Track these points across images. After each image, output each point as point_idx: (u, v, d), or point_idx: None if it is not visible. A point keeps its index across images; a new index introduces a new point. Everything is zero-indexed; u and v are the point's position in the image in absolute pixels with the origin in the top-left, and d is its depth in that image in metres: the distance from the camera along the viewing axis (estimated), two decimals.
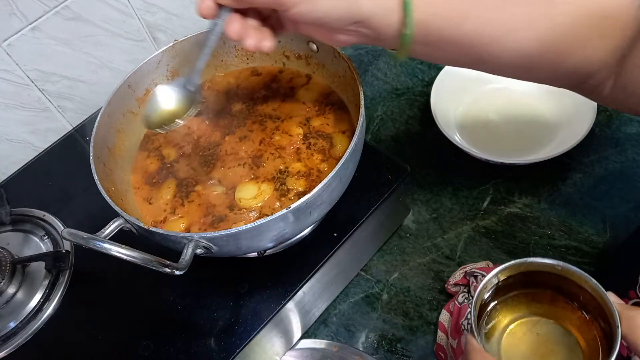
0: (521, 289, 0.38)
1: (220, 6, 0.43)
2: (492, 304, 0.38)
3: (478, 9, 0.41)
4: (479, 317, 0.37)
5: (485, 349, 0.33)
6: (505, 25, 0.41)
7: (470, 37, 0.42)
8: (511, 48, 0.42)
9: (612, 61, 0.42)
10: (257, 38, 0.44)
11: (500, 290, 0.38)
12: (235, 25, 0.43)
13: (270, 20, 0.46)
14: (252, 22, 0.44)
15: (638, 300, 0.48)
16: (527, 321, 0.38)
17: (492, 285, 0.37)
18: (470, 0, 0.41)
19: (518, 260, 0.36)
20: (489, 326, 0.38)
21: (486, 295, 0.37)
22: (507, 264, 0.36)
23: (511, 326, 0.38)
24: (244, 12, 0.44)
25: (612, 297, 0.32)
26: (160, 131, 0.51)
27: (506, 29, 0.41)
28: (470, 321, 0.35)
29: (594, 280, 0.34)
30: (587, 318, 0.36)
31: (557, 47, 0.42)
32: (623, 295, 0.51)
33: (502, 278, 0.37)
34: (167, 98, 0.51)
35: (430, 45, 0.43)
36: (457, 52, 0.44)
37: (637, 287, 0.49)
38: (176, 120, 0.51)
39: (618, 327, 0.31)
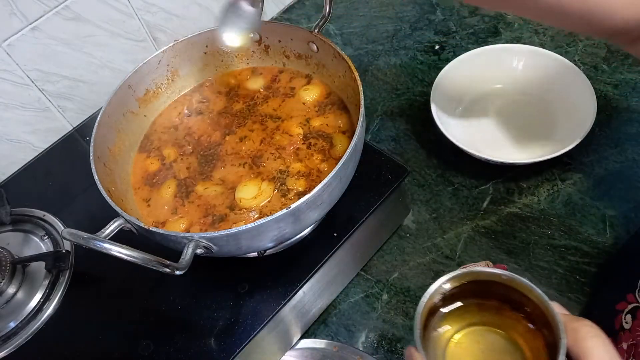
0: (469, 299, 0.38)
1: None
2: (439, 313, 0.38)
3: None
4: (425, 327, 0.36)
5: (431, 359, 0.33)
6: None
7: None
8: (557, 6, 0.42)
9: None
10: None
11: (448, 300, 0.38)
12: None
13: None
14: None
15: (637, 304, 0.48)
16: (474, 331, 0.38)
17: (438, 295, 0.37)
18: None
19: (464, 270, 0.36)
20: (435, 335, 0.38)
21: (432, 304, 0.37)
22: (453, 274, 0.36)
23: (457, 336, 0.37)
24: None
25: (557, 308, 0.32)
26: (232, 47, 0.54)
27: None
28: (414, 332, 0.34)
29: (538, 290, 0.33)
30: (533, 328, 0.35)
31: (602, 8, 0.42)
32: (620, 298, 0.50)
33: (448, 287, 0.37)
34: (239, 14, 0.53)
35: None
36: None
37: (637, 290, 0.49)
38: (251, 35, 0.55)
39: (561, 338, 0.31)
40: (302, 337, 0.61)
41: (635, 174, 0.67)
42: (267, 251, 0.58)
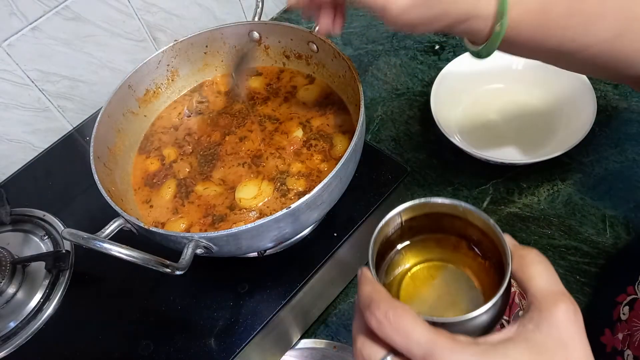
0: (427, 234, 0.38)
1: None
2: (396, 248, 0.38)
3: (568, 21, 0.41)
4: (382, 259, 0.36)
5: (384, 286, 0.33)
6: (591, 39, 0.42)
7: (557, 46, 0.42)
8: (594, 58, 0.43)
9: None
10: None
11: (406, 234, 0.37)
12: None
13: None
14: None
15: (635, 296, 0.48)
16: (430, 265, 0.38)
17: (396, 224, 0.36)
18: (560, 13, 0.41)
19: (421, 200, 0.35)
20: (390, 268, 0.38)
21: (389, 234, 0.36)
22: (409, 203, 0.35)
23: (413, 269, 0.38)
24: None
25: (507, 239, 0.32)
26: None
27: (592, 41, 0.42)
28: (368, 258, 0.34)
29: (492, 221, 0.33)
30: (487, 264, 0.36)
31: (637, 58, 0.42)
32: (621, 291, 0.51)
33: (405, 218, 0.36)
34: None
35: (514, 47, 0.44)
36: (539, 55, 0.45)
37: (637, 283, 0.49)
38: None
39: (509, 264, 0.31)
40: (302, 337, 0.61)
41: (635, 174, 0.67)
42: (267, 251, 0.58)
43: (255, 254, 0.58)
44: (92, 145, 0.54)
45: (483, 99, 0.78)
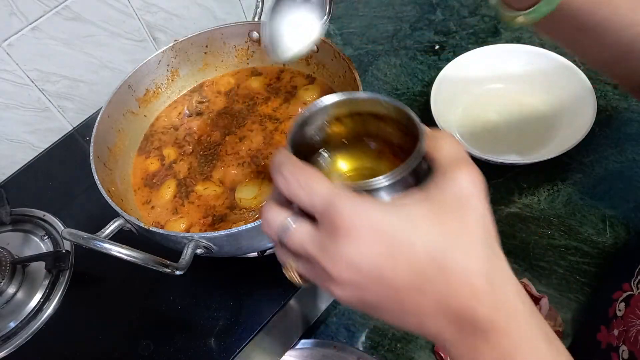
0: (351, 140, 0.36)
1: None
2: (319, 152, 0.36)
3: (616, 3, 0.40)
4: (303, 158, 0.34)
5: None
6: (636, 19, 0.41)
7: (599, 23, 0.41)
8: (629, 42, 0.42)
9: None
10: None
11: (329, 139, 0.36)
12: None
13: None
14: None
15: (631, 292, 0.48)
16: (348, 163, 0.37)
17: (318, 124, 0.35)
18: None
19: (344, 95, 0.34)
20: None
21: (311, 133, 0.35)
22: (333, 98, 0.34)
23: (333, 166, 0.37)
24: None
25: (424, 127, 0.32)
26: (290, 58, 0.45)
27: (636, 22, 0.41)
28: (287, 142, 0.33)
29: (410, 110, 0.32)
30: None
31: None
32: (617, 288, 0.51)
33: (329, 118, 0.35)
34: (288, 16, 0.43)
35: (558, 21, 0.42)
36: (578, 35, 0.43)
37: (633, 279, 0.49)
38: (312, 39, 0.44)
39: (421, 141, 0.31)
40: (302, 337, 0.61)
41: (635, 174, 0.67)
42: (267, 251, 0.58)
43: (255, 254, 0.58)
44: (92, 145, 0.54)
45: (483, 99, 0.78)
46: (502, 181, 0.70)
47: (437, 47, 0.88)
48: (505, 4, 0.43)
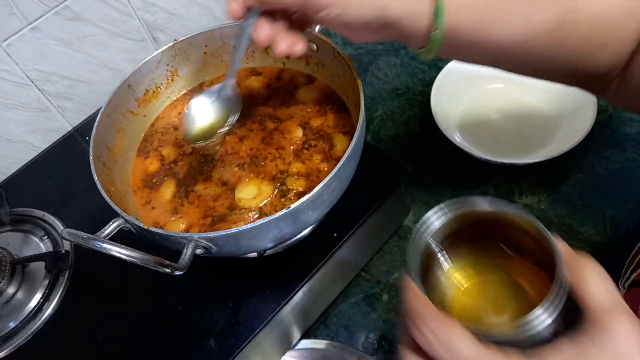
0: (469, 238, 0.35)
1: (249, 8, 0.43)
2: (436, 253, 0.35)
3: (506, 15, 0.41)
4: (421, 264, 0.33)
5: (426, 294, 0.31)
6: (531, 32, 0.42)
7: (497, 42, 0.42)
8: (535, 53, 0.43)
9: (622, 63, 0.43)
10: (287, 42, 0.43)
11: (446, 238, 0.35)
12: (264, 29, 0.42)
13: (297, 18, 0.46)
14: (281, 24, 0.44)
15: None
16: (475, 272, 0.35)
17: (436, 227, 0.34)
18: (498, 7, 0.41)
19: (464, 204, 0.33)
20: (432, 275, 0.35)
21: (429, 238, 0.34)
22: (453, 208, 0.33)
23: (456, 276, 0.35)
24: (272, 13, 0.43)
25: (561, 245, 0.30)
26: (202, 144, 0.52)
27: (532, 34, 0.42)
28: (410, 267, 0.32)
29: (540, 223, 0.31)
30: (537, 268, 0.33)
31: (578, 52, 0.42)
32: None
33: (446, 222, 0.34)
34: (203, 110, 0.52)
35: (456, 48, 0.43)
36: (482, 54, 0.45)
37: (620, 280, 0.49)
38: (218, 131, 0.51)
39: (561, 270, 0.28)
40: (302, 338, 0.61)
41: (635, 174, 0.67)
42: (267, 251, 0.58)
43: (255, 254, 0.58)
44: (92, 145, 0.54)
45: (483, 99, 0.78)
46: (502, 181, 0.70)
47: None
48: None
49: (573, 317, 0.28)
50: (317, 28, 0.58)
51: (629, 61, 0.43)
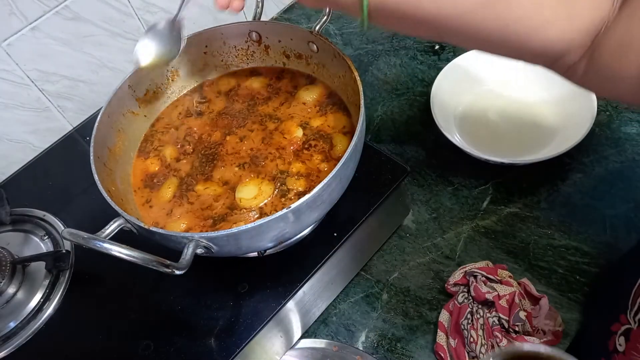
0: None
1: None
2: None
3: None
4: None
5: None
6: (464, 5, 0.40)
7: (429, 15, 0.41)
8: (471, 26, 0.42)
9: (582, 42, 0.41)
10: None
11: None
12: None
13: None
14: None
15: (629, 326, 0.47)
16: None
17: None
18: None
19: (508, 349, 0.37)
20: None
21: None
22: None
23: None
24: None
25: None
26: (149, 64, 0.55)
27: (465, 8, 0.41)
28: None
29: None
30: None
31: (520, 27, 0.41)
32: (614, 319, 0.49)
33: None
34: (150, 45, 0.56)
35: (389, 18, 0.43)
36: (417, 27, 0.44)
37: (628, 311, 0.48)
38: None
39: None
40: (302, 337, 0.61)
41: (635, 174, 0.67)
42: (267, 251, 0.58)
43: (255, 254, 0.58)
44: (92, 145, 0.54)
45: (483, 99, 0.78)
46: (502, 181, 0.70)
47: (437, 47, 0.88)
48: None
49: None
50: (317, 28, 0.58)
51: (594, 43, 0.41)
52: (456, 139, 0.70)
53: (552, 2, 0.40)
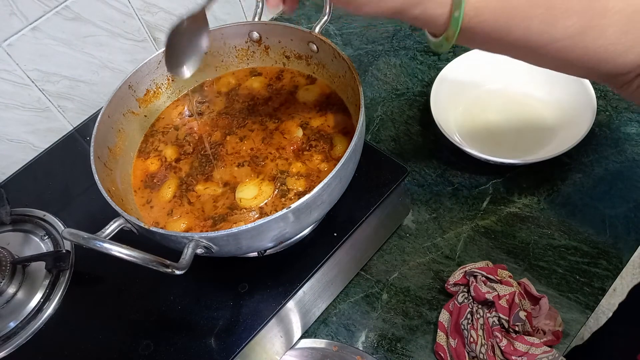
0: None
1: None
2: None
3: (528, 22, 0.40)
4: None
5: None
6: (552, 37, 0.41)
7: (517, 41, 0.42)
8: (557, 53, 0.42)
9: None
10: None
11: None
12: None
13: None
14: None
15: None
16: None
17: None
18: (522, 11, 0.40)
19: None
20: None
21: None
22: None
23: None
24: None
25: None
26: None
27: (552, 39, 0.41)
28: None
29: None
30: None
31: (604, 53, 0.42)
32: (631, 358, 0.49)
33: None
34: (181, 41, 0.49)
35: (475, 40, 0.43)
36: (500, 49, 0.44)
37: None
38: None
39: None
40: (302, 337, 0.61)
41: (635, 174, 0.67)
42: (267, 251, 0.58)
43: (255, 254, 0.58)
44: (93, 145, 0.54)
45: (483, 99, 0.78)
46: (502, 181, 0.70)
47: None
48: (429, 33, 0.45)
49: None
50: (317, 29, 0.58)
51: None
52: (456, 139, 0.70)
53: (636, 29, 0.41)
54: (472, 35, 0.42)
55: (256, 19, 0.64)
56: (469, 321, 0.56)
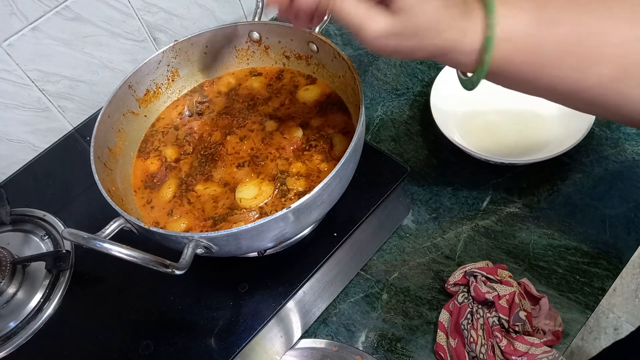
0: None
1: None
2: None
3: (556, 70, 0.40)
4: None
5: None
6: (584, 84, 0.40)
7: (547, 84, 0.42)
8: (588, 100, 0.41)
9: None
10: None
11: None
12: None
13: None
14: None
15: None
16: None
17: None
18: (552, 60, 0.39)
19: None
20: None
21: None
22: None
23: None
24: None
25: None
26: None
27: (585, 87, 0.40)
28: None
29: None
30: None
31: (633, 104, 0.40)
32: None
33: None
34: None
35: (504, 84, 0.43)
36: (530, 92, 0.45)
37: None
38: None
39: None
40: (302, 337, 0.61)
41: (635, 174, 0.67)
42: (267, 251, 0.58)
43: (255, 254, 0.58)
44: (93, 145, 0.54)
45: (483, 99, 0.77)
46: (502, 181, 0.70)
47: None
48: (461, 72, 0.45)
49: None
50: (317, 29, 0.58)
51: None
52: (456, 139, 0.70)
53: None
54: (500, 81, 0.42)
55: (256, 19, 0.64)
56: (469, 321, 0.56)
